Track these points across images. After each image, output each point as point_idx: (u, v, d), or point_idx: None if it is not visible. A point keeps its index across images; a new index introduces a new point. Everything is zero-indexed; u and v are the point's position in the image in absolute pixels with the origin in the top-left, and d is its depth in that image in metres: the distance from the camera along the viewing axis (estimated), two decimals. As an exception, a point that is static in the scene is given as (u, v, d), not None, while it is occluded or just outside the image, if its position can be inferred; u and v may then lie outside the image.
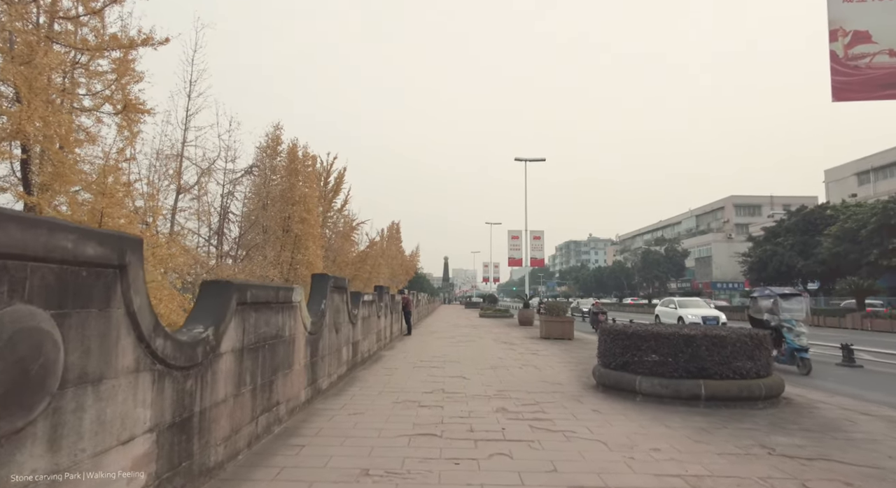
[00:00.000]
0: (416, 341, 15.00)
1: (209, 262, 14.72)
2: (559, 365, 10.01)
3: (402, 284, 37.70)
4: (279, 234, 15.62)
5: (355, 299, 8.95)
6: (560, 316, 16.45)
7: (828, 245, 36.21)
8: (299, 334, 5.55)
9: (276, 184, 14.39)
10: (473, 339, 15.74)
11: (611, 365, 6.99)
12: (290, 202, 13.47)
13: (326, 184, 21.59)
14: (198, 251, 14.39)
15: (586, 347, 13.52)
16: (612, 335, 7.04)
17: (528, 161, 32.11)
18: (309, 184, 14.32)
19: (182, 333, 3.30)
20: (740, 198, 77.71)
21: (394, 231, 38.51)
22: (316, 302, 6.51)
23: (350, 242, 23.97)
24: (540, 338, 16.78)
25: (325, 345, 6.70)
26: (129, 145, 8.16)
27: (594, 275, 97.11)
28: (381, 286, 11.94)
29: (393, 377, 8.21)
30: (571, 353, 12.03)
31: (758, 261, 44.16)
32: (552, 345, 14.26)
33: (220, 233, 16.83)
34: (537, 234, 31.63)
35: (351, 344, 8.36)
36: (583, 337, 17.21)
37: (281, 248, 13.57)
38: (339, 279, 7.27)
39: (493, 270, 57.87)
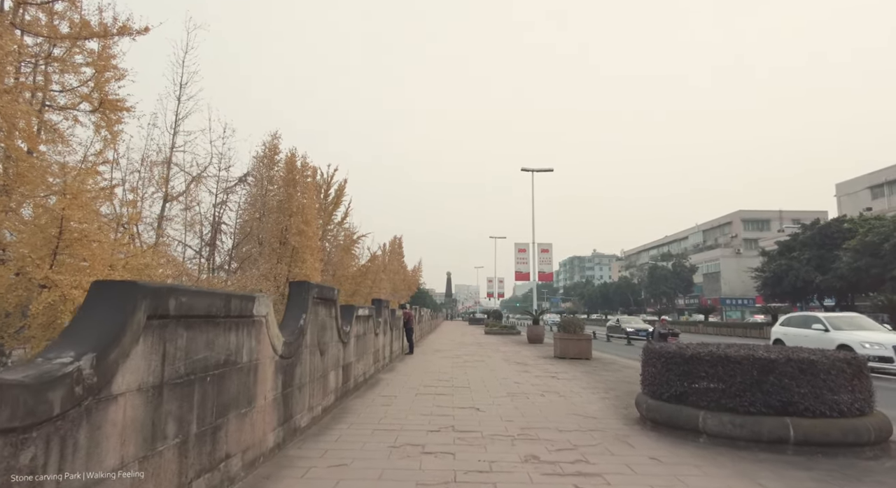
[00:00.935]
0: (418, 361, 13.55)
1: (200, 275, 13.69)
2: (586, 391, 8.56)
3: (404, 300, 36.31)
4: (275, 247, 14.49)
5: (347, 314, 7.58)
6: (577, 333, 15.00)
7: (847, 259, 34.71)
8: (265, 359, 4.19)
9: (274, 195, 13.50)
10: (482, 359, 14.29)
11: (662, 395, 5.58)
12: (288, 213, 12.81)
13: (327, 197, 20.67)
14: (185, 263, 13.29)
15: (610, 368, 12.06)
16: (663, 358, 5.64)
17: (535, 171, 30.93)
18: (307, 195, 13.56)
19: (30, 366, 1.96)
20: (748, 212, 76.39)
21: (396, 245, 37.37)
22: (293, 316, 5.15)
23: (350, 256, 22.79)
24: (554, 357, 15.31)
25: (306, 370, 5.32)
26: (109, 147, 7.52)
27: (600, 290, 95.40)
28: (379, 299, 10.58)
29: (391, 408, 6.79)
30: (596, 376, 10.58)
31: (772, 276, 42.61)
32: (570, 365, 12.81)
33: (212, 245, 15.74)
34: (545, 247, 30.27)
35: (341, 367, 6.96)
36: (601, 356, 15.73)
37: (277, 261, 12.66)
38: (326, 288, 5.91)
39: (498, 285, 56.36)
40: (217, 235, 16.56)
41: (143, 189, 13.53)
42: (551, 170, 30.95)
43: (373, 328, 9.62)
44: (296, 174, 13.12)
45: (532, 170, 30.82)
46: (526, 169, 30.78)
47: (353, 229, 21.53)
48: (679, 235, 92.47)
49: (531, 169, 30.79)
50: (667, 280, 72.18)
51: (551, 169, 30.93)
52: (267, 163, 13.73)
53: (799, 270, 39.53)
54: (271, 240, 13.14)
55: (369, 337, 9.25)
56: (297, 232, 12.61)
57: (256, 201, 13.88)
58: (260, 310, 4.00)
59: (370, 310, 9.20)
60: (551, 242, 30.64)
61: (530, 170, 30.80)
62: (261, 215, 13.75)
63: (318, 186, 20.96)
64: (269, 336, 4.22)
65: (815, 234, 40.07)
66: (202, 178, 14.96)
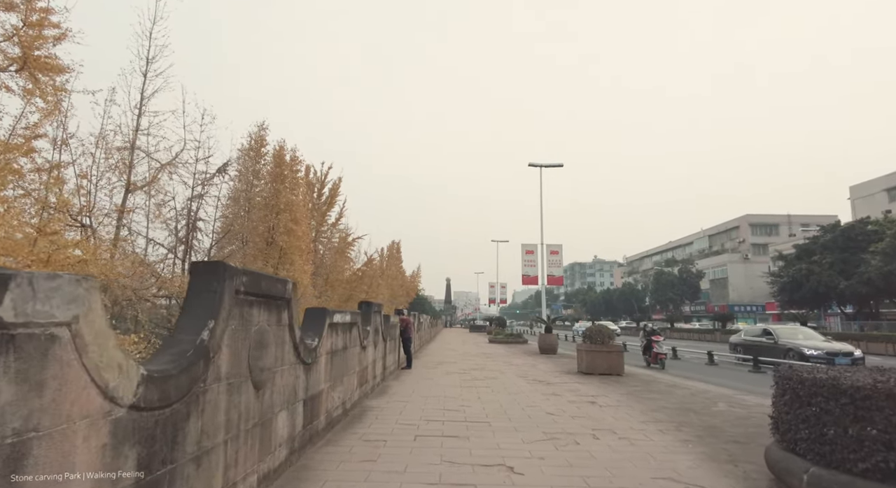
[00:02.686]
0: (418, 378, 11.13)
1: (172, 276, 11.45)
2: (651, 427, 6.16)
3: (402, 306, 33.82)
4: (261, 247, 11.87)
5: (314, 320, 5.19)
6: (606, 344, 12.60)
7: (876, 263, 32.38)
8: (74, 420, 1.81)
9: (260, 190, 12.23)
10: (493, 375, 11.87)
11: (847, 463, 3.19)
12: (275, 210, 11.66)
13: (320, 196, 18.77)
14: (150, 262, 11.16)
15: (655, 388, 9.64)
16: (846, 396, 3.26)
17: (543, 167, 28.66)
18: (297, 192, 12.45)
19: None
20: (756, 216, 74.26)
21: (394, 250, 35.27)
22: (190, 326, 2.77)
23: (345, 259, 20.64)
24: (578, 372, 12.91)
25: (217, 423, 2.93)
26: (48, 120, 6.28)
27: (603, 297, 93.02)
28: (369, 302, 8.19)
29: (376, 468, 4.39)
30: (647, 401, 8.17)
31: (790, 281, 40.24)
32: (604, 384, 10.40)
33: (186, 243, 13.45)
34: (555, 249, 27.90)
35: (301, 402, 4.56)
36: (634, 371, 13.32)
37: (263, 263, 11.48)
38: (265, 278, 3.54)
39: (500, 291, 53.86)
40: (193, 232, 14.42)
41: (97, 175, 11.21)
42: (561, 165, 28.66)
43: (358, 339, 7.21)
44: (284, 169, 11.95)
45: (540, 165, 28.55)
46: (534, 164, 28.51)
47: (349, 231, 19.46)
48: (683, 240, 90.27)
49: (539, 164, 28.52)
50: (673, 286, 69.81)
51: (561, 164, 28.66)
52: (253, 156, 12.36)
53: (821, 275, 37.20)
54: (256, 239, 11.76)
55: (352, 351, 6.83)
56: (284, 231, 11.44)
57: (240, 196, 12.32)
58: (43, 309, 1.63)
59: (354, 317, 6.79)
60: (561, 243, 28.30)
61: (538, 166, 28.52)
62: (245, 212, 12.28)
63: (311, 185, 19.00)
64: (85, 367, 1.84)
65: (838, 237, 37.76)
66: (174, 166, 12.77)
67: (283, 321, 4.03)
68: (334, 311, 5.56)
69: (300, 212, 13.89)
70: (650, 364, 15.40)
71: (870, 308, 39.55)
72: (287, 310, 4.09)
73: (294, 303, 4.17)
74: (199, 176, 14.27)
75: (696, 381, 11.51)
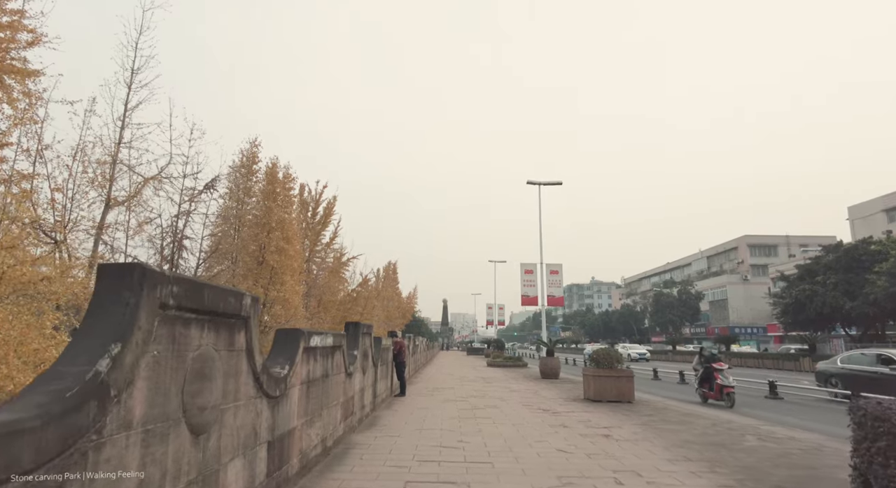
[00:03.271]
0: (412, 407, 10.20)
1: None
2: (683, 468, 5.27)
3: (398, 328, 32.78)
4: (251, 266, 11.48)
5: (285, 344, 4.36)
6: (614, 368, 11.72)
7: (882, 284, 31.67)
8: None
9: (251, 208, 11.83)
10: (494, 403, 10.94)
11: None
12: (266, 229, 11.24)
13: (314, 216, 18.18)
14: None
15: (670, 417, 8.74)
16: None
17: (541, 184, 28.08)
18: (288, 209, 12.09)
19: None
20: (754, 237, 73.90)
21: (390, 271, 34.50)
22: (87, 350, 1.97)
23: (339, 279, 19.85)
24: (585, 399, 12.00)
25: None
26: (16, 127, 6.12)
27: (601, 319, 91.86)
28: (356, 323, 7.34)
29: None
30: (668, 434, 7.29)
31: (794, 302, 39.41)
32: (615, 413, 9.50)
33: (172, 262, 12.74)
34: (555, 268, 27.09)
35: (265, 444, 3.71)
36: (644, 397, 12.40)
37: (253, 283, 11.05)
38: (213, 289, 2.74)
39: (498, 312, 52.80)
40: (179, 250, 13.59)
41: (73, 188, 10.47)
42: (560, 183, 28.11)
43: (343, 365, 6.34)
44: (277, 186, 11.59)
45: (539, 183, 27.97)
46: (532, 182, 27.94)
47: (343, 250, 18.85)
48: (682, 261, 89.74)
49: (538, 182, 27.95)
50: (673, 308, 68.88)
51: (560, 182, 28.11)
52: (245, 173, 12.03)
53: (825, 296, 36.43)
54: (246, 258, 11.41)
55: (335, 380, 5.97)
56: (276, 250, 11.08)
57: (230, 214, 11.96)
58: None
59: (338, 339, 5.95)
60: (561, 263, 27.52)
61: (537, 184, 27.95)
62: (236, 230, 11.92)
63: (305, 204, 18.49)
64: None
65: (841, 257, 37.12)
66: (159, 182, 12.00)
67: (239, 345, 3.21)
68: (311, 333, 4.73)
69: (292, 231, 13.15)
70: (707, 398, 12.21)
71: (875, 330, 38.68)
72: (245, 332, 3.28)
73: (254, 322, 3.36)
74: (187, 192, 13.49)
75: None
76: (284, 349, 4.29)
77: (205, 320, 2.76)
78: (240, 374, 3.24)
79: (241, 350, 3.26)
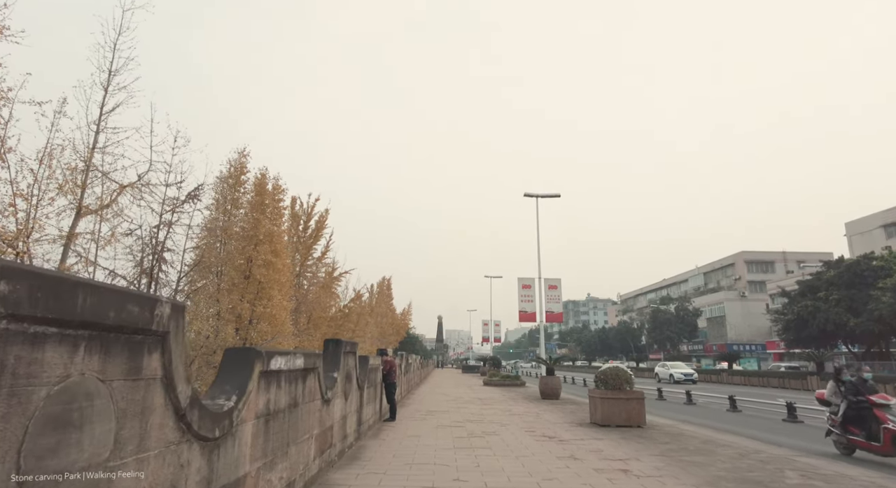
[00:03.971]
0: (402, 435, 9.19)
1: None
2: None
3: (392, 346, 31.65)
4: (237, 281, 10.95)
5: (234, 366, 3.42)
6: (623, 390, 10.77)
7: (888, 300, 30.95)
8: None
9: (238, 220, 11.38)
10: (493, 429, 9.94)
11: None
12: (254, 241, 10.75)
13: (306, 229, 17.37)
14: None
15: (689, 444, 7.76)
16: None
17: (539, 197, 27.36)
18: (278, 222, 11.65)
19: None
20: (751, 253, 73.41)
21: (384, 287, 33.65)
22: None
23: (330, 294, 18.91)
24: (592, 423, 11.02)
25: None
26: None
27: (598, 336, 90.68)
28: (337, 340, 6.38)
29: None
30: (694, 467, 6.32)
31: (796, 318, 38.58)
32: (627, 440, 8.52)
33: (151, 275, 11.75)
34: (553, 283, 26.17)
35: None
36: (655, 422, 11.41)
37: (239, 298, 10.52)
38: (95, 289, 1.86)
39: (494, 329, 51.65)
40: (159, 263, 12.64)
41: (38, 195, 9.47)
42: (558, 196, 27.42)
43: (318, 391, 5.38)
44: (266, 197, 11.14)
45: (536, 195, 27.25)
46: (530, 194, 27.22)
47: (335, 265, 18.03)
48: (678, 278, 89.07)
49: (535, 194, 27.23)
50: (671, 324, 67.94)
51: (558, 194, 27.40)
52: (232, 183, 11.43)
53: (828, 312, 35.66)
54: (232, 272, 10.87)
55: (308, 408, 5.00)
56: (263, 263, 10.57)
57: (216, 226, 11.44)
58: None
59: (311, 360, 4.99)
60: (560, 277, 26.64)
61: (535, 196, 27.22)
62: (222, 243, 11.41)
63: (297, 217, 17.81)
64: None
65: (843, 273, 36.44)
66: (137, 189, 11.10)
67: (150, 371, 2.29)
68: (273, 353, 3.79)
69: (281, 244, 12.42)
70: (855, 448, 8.10)
71: (879, 347, 37.85)
72: (161, 353, 2.36)
73: (178, 339, 2.44)
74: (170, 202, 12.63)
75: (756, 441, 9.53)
76: (233, 374, 3.35)
77: (79, 337, 1.84)
78: (150, 412, 2.31)
79: (154, 378, 2.33)
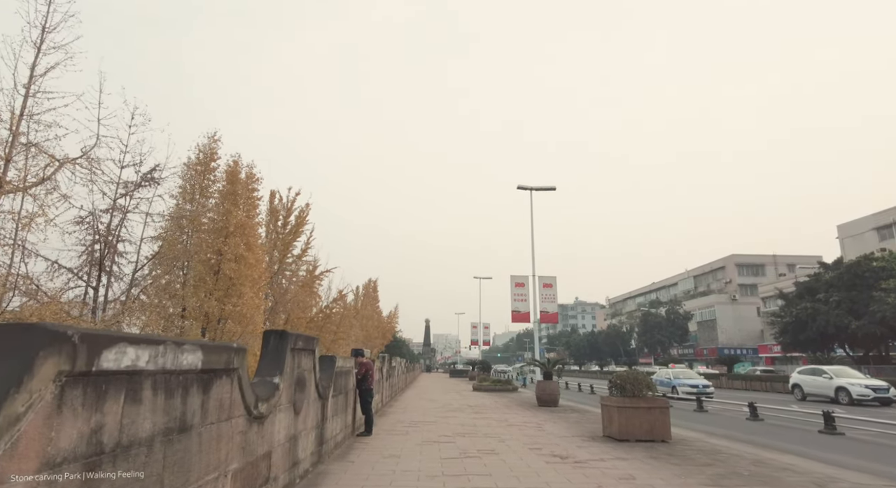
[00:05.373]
0: (378, 454, 7.35)
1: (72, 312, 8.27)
2: None
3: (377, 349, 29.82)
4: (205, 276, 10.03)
5: None
6: (644, 397, 9.05)
7: (893, 301, 29.78)
8: None
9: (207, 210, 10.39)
10: (490, 445, 8.15)
11: None
12: (223, 233, 9.89)
13: (286, 225, 15.94)
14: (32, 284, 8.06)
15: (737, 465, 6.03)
16: None
17: (533, 190, 25.75)
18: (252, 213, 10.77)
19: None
20: (742, 257, 72.70)
21: (370, 289, 32.17)
22: None
23: (311, 294, 17.26)
24: (605, 436, 9.29)
25: None
26: None
27: (587, 339, 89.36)
28: (282, 332, 4.54)
29: None
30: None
31: (794, 321, 37.37)
32: (661, 461, 6.78)
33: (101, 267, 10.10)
34: (548, 281, 24.52)
35: None
36: (680, 434, 9.70)
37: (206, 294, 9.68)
38: None
39: (483, 332, 49.87)
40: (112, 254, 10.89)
41: None
42: (553, 188, 25.79)
43: (237, 405, 3.54)
44: (238, 186, 10.32)
45: (530, 188, 25.64)
46: (523, 187, 25.59)
47: (317, 263, 16.54)
48: (668, 281, 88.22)
49: (529, 187, 25.61)
50: (661, 328, 66.79)
51: (553, 187, 25.79)
52: (201, 170, 10.59)
53: (828, 314, 34.47)
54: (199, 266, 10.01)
55: (210, 433, 3.15)
56: (234, 257, 9.77)
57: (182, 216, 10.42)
58: None
59: (220, 356, 3.16)
60: (555, 275, 25.00)
61: (528, 189, 25.60)
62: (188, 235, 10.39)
63: (276, 212, 16.50)
64: None
65: (844, 274, 35.32)
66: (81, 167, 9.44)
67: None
68: (106, 339, 1.99)
69: (254, 237, 11.10)
70: None
71: (878, 351, 36.77)
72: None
73: None
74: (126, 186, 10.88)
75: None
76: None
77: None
78: None
79: None
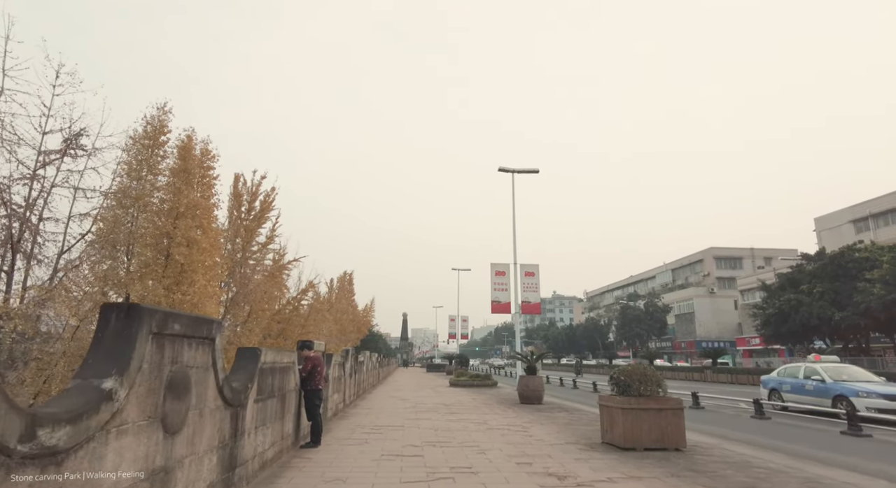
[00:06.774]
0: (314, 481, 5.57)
1: None
2: None
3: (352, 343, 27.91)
4: (151, 262, 9.13)
5: None
6: (653, 397, 7.46)
7: (878, 291, 29.15)
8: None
9: (155, 188, 9.32)
10: (468, 461, 6.46)
11: None
12: (173, 214, 8.81)
13: (251, 211, 14.12)
14: None
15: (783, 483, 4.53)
16: None
17: (515, 172, 24.14)
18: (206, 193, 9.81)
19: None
20: (720, 250, 72.70)
21: (345, 282, 30.26)
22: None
23: (277, 284, 15.36)
24: (605, 443, 7.70)
25: None
26: None
27: (565, 333, 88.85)
28: (136, 305, 2.79)
29: None
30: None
31: (777, 313, 36.72)
32: (688, 482, 5.20)
33: (13, 248, 8.04)
34: (531, 270, 22.97)
35: None
36: (700, 441, 8.15)
37: (154, 282, 8.63)
38: None
39: (461, 325, 48.29)
40: (32, 232, 8.78)
41: None
42: (536, 171, 24.21)
43: None
44: (191, 163, 9.43)
45: (512, 170, 24.01)
46: (504, 169, 23.94)
47: (284, 251, 14.74)
48: (646, 274, 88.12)
49: (511, 169, 23.98)
50: (640, 321, 66.31)
51: (536, 170, 24.21)
52: (148, 145, 9.55)
53: (811, 306, 33.83)
54: (146, 252, 9.05)
55: None
56: (183, 241, 8.74)
57: (128, 194, 9.37)
58: None
59: None
60: (538, 263, 23.45)
61: (510, 171, 23.97)
62: (134, 215, 9.34)
63: (239, 196, 14.60)
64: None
65: (827, 265, 34.73)
66: None
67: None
68: None
69: (208, 219, 9.68)
70: None
71: (858, 343, 36.38)
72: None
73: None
74: (48, 157, 8.88)
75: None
76: None
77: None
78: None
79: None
